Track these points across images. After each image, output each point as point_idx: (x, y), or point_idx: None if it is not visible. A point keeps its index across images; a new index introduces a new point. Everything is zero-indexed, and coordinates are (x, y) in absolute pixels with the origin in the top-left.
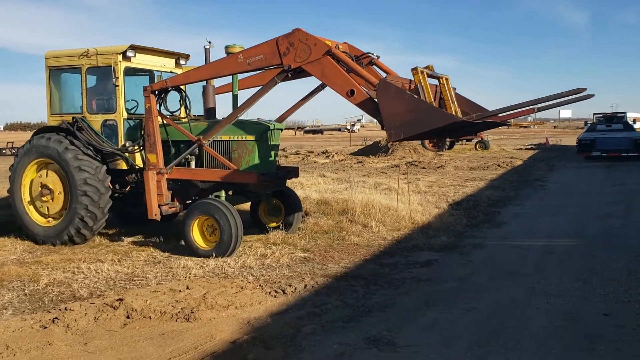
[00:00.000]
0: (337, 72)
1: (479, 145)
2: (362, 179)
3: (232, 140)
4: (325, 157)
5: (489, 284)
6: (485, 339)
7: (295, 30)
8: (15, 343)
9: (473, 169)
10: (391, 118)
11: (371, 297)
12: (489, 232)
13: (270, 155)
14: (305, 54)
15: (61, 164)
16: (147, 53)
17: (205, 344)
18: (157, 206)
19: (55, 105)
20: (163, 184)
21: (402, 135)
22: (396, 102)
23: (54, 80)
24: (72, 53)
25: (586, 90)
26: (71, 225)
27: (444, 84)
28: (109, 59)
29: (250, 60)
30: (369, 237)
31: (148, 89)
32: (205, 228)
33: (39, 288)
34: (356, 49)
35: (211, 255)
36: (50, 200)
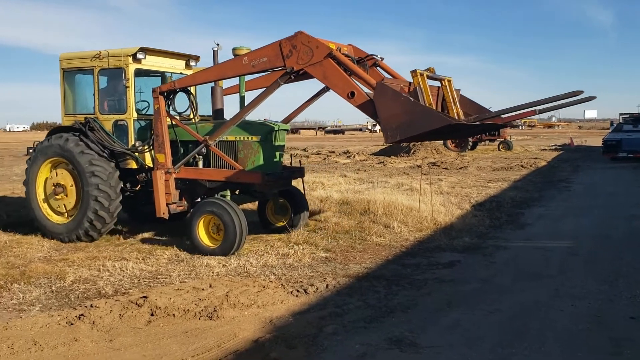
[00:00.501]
0: (338, 74)
1: (502, 146)
2: (384, 179)
3: (238, 140)
4: (346, 157)
5: (512, 285)
6: (508, 340)
7: (298, 33)
8: (43, 339)
9: (496, 169)
10: (388, 120)
11: (393, 297)
12: (513, 234)
13: (275, 156)
14: (307, 56)
15: (75, 166)
16: (157, 55)
17: (228, 342)
18: (165, 205)
19: (69, 106)
20: (171, 183)
21: (398, 136)
22: (393, 104)
23: (68, 81)
24: (85, 55)
25: (583, 92)
26: (80, 227)
27: (445, 86)
28: (119, 61)
29: (254, 63)
30: (390, 237)
31: (157, 90)
32: (211, 227)
33: (65, 285)
34: (361, 51)
35: (215, 254)
36: (62, 199)
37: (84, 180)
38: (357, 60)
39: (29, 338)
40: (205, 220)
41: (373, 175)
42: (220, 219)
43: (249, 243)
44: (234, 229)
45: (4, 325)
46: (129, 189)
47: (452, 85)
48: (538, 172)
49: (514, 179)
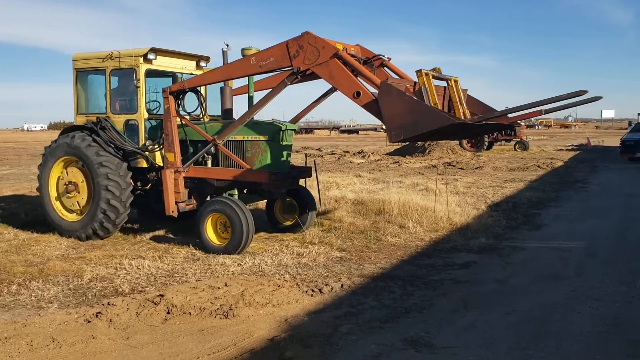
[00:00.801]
0: (344, 74)
1: (519, 146)
2: (399, 179)
3: (246, 140)
4: (361, 157)
5: (529, 286)
6: (525, 342)
7: (305, 34)
8: (61, 336)
9: (512, 169)
10: (392, 119)
11: (408, 298)
12: (529, 234)
13: (282, 155)
14: (313, 56)
15: (84, 161)
16: (168, 55)
17: (243, 341)
18: (175, 203)
19: (81, 106)
20: (180, 181)
21: (402, 136)
22: (397, 104)
23: (81, 81)
24: (97, 55)
25: (587, 92)
26: (94, 220)
27: (452, 86)
28: (130, 61)
29: (261, 63)
30: (406, 237)
31: (167, 90)
32: (219, 225)
33: (82, 283)
34: (368, 51)
35: (223, 252)
36: (75, 196)
37: (93, 172)
38: (365, 60)
39: (47, 335)
40: (213, 219)
41: (388, 175)
42: (228, 217)
43: (264, 242)
44: (241, 227)
45: (23, 323)
46: (140, 187)
47: (459, 85)
48: (555, 172)
49: (530, 180)
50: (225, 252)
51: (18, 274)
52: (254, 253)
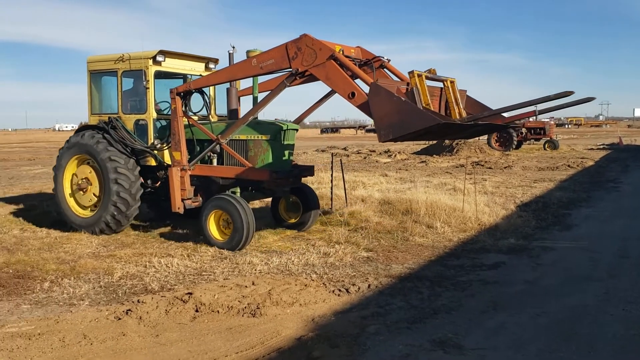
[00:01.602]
0: (340, 75)
1: (548, 145)
2: (426, 178)
3: (249, 139)
4: (387, 156)
5: (560, 288)
6: (556, 344)
7: (303, 36)
8: (92, 333)
9: (542, 169)
10: (381, 119)
11: (436, 298)
12: (559, 235)
13: (284, 154)
14: (311, 58)
15: (94, 157)
16: (177, 57)
17: (271, 340)
18: (181, 200)
19: (95, 106)
20: (186, 179)
21: (390, 135)
22: (385, 104)
23: (94, 82)
24: (109, 58)
25: (574, 93)
26: (106, 213)
27: (448, 87)
28: (140, 63)
29: (262, 64)
30: (433, 238)
31: (174, 91)
32: (221, 222)
33: (113, 281)
34: (368, 53)
35: (224, 247)
36: (88, 192)
37: (103, 167)
38: (365, 61)
39: (79, 332)
40: (215, 216)
41: (415, 175)
42: (229, 214)
43: (290, 241)
44: (242, 223)
45: (55, 319)
46: (149, 185)
47: (455, 86)
48: (585, 172)
49: (560, 179)
50: (227, 247)
51: (50, 272)
52: (280, 252)
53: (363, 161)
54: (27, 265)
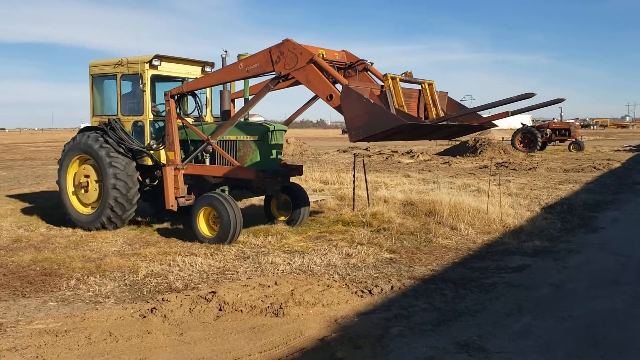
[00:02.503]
0: (319, 78)
1: (573, 146)
2: (449, 179)
3: (238, 140)
4: (409, 156)
5: (587, 291)
6: (583, 348)
7: (285, 41)
8: (118, 330)
9: (567, 171)
10: (352, 120)
11: (460, 301)
12: (585, 238)
13: (271, 154)
14: (293, 62)
15: (96, 160)
16: (173, 62)
17: (294, 340)
18: (174, 198)
19: (97, 108)
20: (180, 178)
21: (360, 136)
22: (355, 106)
23: (96, 86)
24: (109, 62)
25: (535, 95)
26: (103, 214)
27: (425, 89)
28: (137, 68)
29: (248, 68)
30: (457, 239)
31: (167, 94)
32: (210, 219)
33: (138, 279)
34: (353, 56)
35: (213, 243)
36: (88, 191)
37: (103, 171)
38: (350, 64)
39: (104, 329)
40: (205, 213)
41: (438, 176)
42: (217, 211)
43: (312, 242)
44: (229, 220)
45: (81, 316)
46: (148, 183)
47: (434, 88)
48: (611, 173)
49: (585, 181)
50: (215, 242)
51: (77, 269)
52: (302, 252)
53: (385, 162)
54: (54, 262)
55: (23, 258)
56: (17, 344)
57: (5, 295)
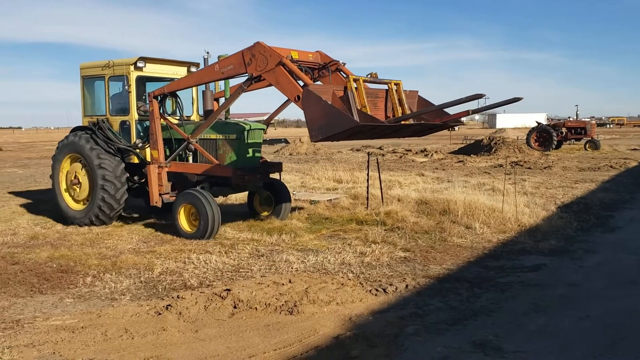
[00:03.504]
0: (287, 79)
1: (589, 145)
2: (464, 178)
3: (218, 139)
4: (423, 155)
5: (604, 291)
6: (601, 349)
7: (256, 44)
8: (133, 327)
9: (583, 169)
10: (312, 121)
11: (476, 300)
12: (602, 237)
13: (249, 152)
14: (263, 64)
15: (86, 160)
16: (159, 63)
17: (308, 338)
18: (158, 195)
19: (87, 108)
20: (163, 175)
21: (320, 136)
22: (315, 107)
23: (87, 87)
24: (98, 64)
25: (485, 95)
26: (92, 212)
27: (392, 89)
28: (122, 69)
29: (223, 70)
30: (472, 238)
31: (151, 95)
32: (191, 215)
33: (153, 276)
34: (326, 57)
35: (193, 238)
36: (79, 188)
37: (93, 171)
38: (323, 65)
39: (120, 326)
40: (185, 209)
41: (452, 175)
42: (196, 207)
43: (326, 240)
44: (207, 216)
45: (97, 313)
46: (137, 181)
47: (401, 88)
48: (628, 172)
49: (602, 180)
50: (195, 237)
51: (92, 266)
52: (316, 251)
53: (399, 160)
54: (70, 260)
55: (40, 255)
56: (35, 339)
57: (23, 292)
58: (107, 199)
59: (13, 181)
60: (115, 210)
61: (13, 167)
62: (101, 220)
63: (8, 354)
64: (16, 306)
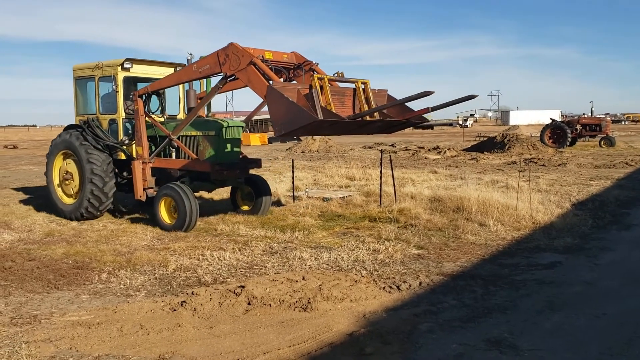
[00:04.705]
0: (258, 79)
1: (604, 142)
2: (477, 175)
3: (198, 135)
4: (436, 152)
5: (620, 289)
6: (617, 347)
7: (230, 44)
8: (149, 323)
9: (598, 167)
10: (276, 117)
11: (490, 297)
12: (618, 235)
13: (227, 148)
14: (236, 63)
15: (77, 156)
16: (146, 64)
17: (323, 334)
18: (142, 189)
19: (80, 108)
20: (147, 171)
21: (283, 131)
22: (278, 105)
23: (79, 87)
24: (88, 66)
25: (433, 93)
26: (82, 205)
27: (358, 87)
28: (110, 70)
29: (200, 69)
30: (486, 236)
31: (135, 94)
32: (170, 207)
33: (167, 273)
34: (301, 57)
35: (172, 229)
36: (70, 183)
37: (82, 166)
38: (297, 65)
39: (136, 322)
40: (165, 202)
41: (465, 172)
42: (175, 201)
43: (339, 237)
44: (184, 209)
45: (113, 309)
46: (126, 176)
47: (369, 86)
48: None
49: (617, 177)
50: (174, 229)
51: (108, 263)
52: (329, 248)
53: (411, 158)
54: (86, 256)
55: (56, 252)
56: (52, 335)
57: (40, 288)
58: (95, 192)
59: (28, 178)
60: (103, 203)
61: (28, 164)
62: (90, 212)
63: (26, 349)
64: (33, 302)
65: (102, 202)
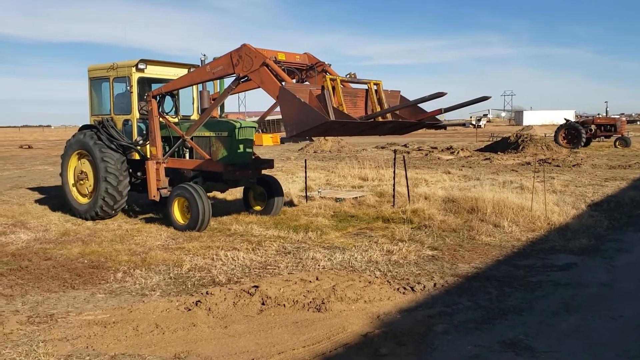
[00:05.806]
0: (271, 79)
1: (619, 143)
2: (491, 176)
3: (211, 136)
4: (449, 153)
5: (638, 291)
6: (635, 349)
7: (243, 46)
8: (164, 322)
9: (613, 167)
10: (287, 118)
11: (505, 299)
12: (634, 236)
13: (240, 149)
14: (249, 64)
15: (91, 155)
16: (160, 65)
17: (337, 335)
18: (156, 189)
19: (94, 108)
20: (161, 171)
21: (294, 131)
22: (290, 105)
23: (94, 88)
24: (103, 67)
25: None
26: (96, 204)
27: (371, 88)
28: (125, 71)
29: (214, 70)
30: (501, 237)
31: (149, 95)
32: (183, 207)
33: (182, 272)
34: (314, 58)
35: (185, 229)
36: (85, 183)
37: (97, 165)
38: (310, 66)
39: (151, 321)
40: (179, 202)
41: (479, 172)
42: (188, 201)
43: (353, 238)
44: (197, 209)
45: (128, 308)
46: (140, 176)
47: (381, 87)
48: None
49: (633, 178)
50: (187, 229)
51: (123, 262)
52: (343, 248)
53: (424, 158)
54: (101, 256)
55: (71, 251)
56: (68, 334)
57: (56, 287)
58: (110, 190)
59: (44, 178)
60: (118, 202)
61: (43, 164)
62: (105, 211)
63: (43, 347)
64: (50, 301)
65: (117, 200)
